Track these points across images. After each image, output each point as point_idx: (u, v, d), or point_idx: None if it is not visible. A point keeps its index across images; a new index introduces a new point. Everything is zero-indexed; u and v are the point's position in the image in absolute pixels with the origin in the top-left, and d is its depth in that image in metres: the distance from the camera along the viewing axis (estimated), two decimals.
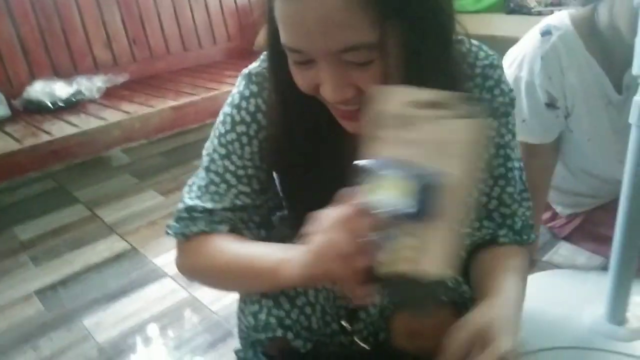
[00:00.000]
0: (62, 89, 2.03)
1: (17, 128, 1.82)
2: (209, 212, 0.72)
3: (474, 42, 0.71)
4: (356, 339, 0.77)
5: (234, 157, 0.73)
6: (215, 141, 0.75)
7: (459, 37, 0.66)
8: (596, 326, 1.08)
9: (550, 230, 1.52)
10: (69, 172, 2.36)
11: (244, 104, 0.73)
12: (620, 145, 1.03)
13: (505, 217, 0.75)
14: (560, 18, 1.16)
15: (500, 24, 2.80)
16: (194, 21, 2.67)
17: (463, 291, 0.73)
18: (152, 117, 1.88)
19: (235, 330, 1.22)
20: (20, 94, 2.03)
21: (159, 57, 2.54)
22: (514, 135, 0.75)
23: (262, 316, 0.71)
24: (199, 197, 0.74)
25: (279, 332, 0.69)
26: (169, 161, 2.44)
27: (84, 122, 1.81)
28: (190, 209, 0.73)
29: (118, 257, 1.67)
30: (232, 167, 0.73)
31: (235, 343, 1.21)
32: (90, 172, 2.34)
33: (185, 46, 2.64)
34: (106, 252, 1.70)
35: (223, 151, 0.74)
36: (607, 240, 1.28)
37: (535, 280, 1.30)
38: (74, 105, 2.03)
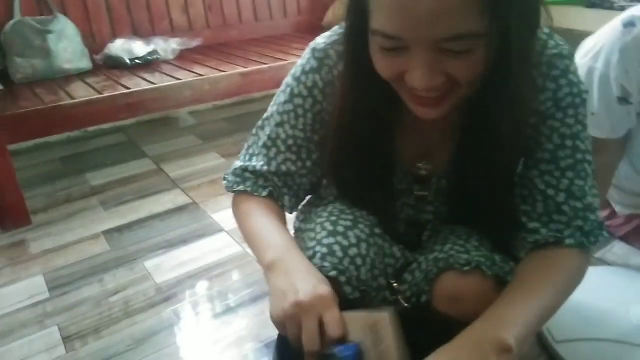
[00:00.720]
0: (140, 48, 2.14)
1: (98, 80, 1.95)
2: (256, 173, 0.80)
3: (545, 30, 0.70)
4: (400, 298, 0.80)
5: (287, 127, 0.79)
6: (274, 108, 0.81)
7: None
8: None
9: (606, 229, 1.48)
10: (139, 129, 2.51)
11: (303, 78, 0.77)
12: None
13: (577, 211, 0.71)
14: None
15: (579, 18, 2.70)
16: None
17: (503, 267, 0.74)
18: (222, 80, 1.95)
19: None
20: (102, 50, 2.15)
21: (231, 25, 2.62)
22: (584, 127, 0.73)
23: (317, 261, 0.75)
24: (250, 159, 0.82)
25: (333, 273, 0.72)
26: (232, 127, 2.53)
27: (158, 80, 1.91)
28: (241, 168, 0.81)
29: (180, 210, 1.77)
30: (283, 135, 0.80)
31: None
32: (159, 130, 2.47)
33: (257, 17, 2.70)
34: (169, 204, 1.81)
35: (278, 119, 0.80)
36: None
37: (586, 274, 1.29)
38: (149, 63, 2.13)
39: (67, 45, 2.02)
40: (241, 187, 0.80)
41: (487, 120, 0.67)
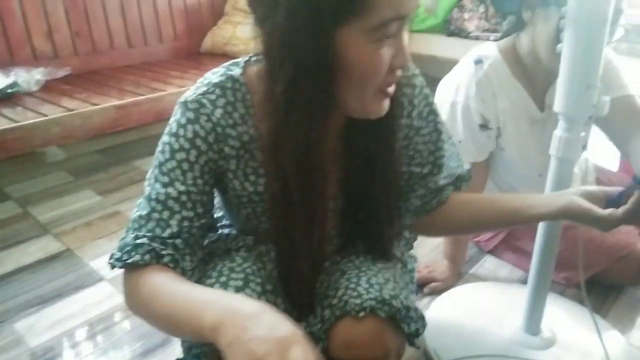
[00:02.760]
0: None
1: None
2: (152, 239, 0.71)
3: None
4: None
5: (177, 184, 0.74)
6: (157, 171, 0.75)
7: None
8: (514, 336, 1.19)
9: (476, 245, 1.63)
10: (1, 167, 2.26)
11: (181, 131, 0.74)
12: (542, 157, 1.15)
13: (442, 159, 0.91)
14: (489, 48, 1.29)
15: (440, 45, 2.95)
16: (140, 17, 2.62)
17: (395, 306, 0.79)
18: (94, 115, 1.84)
19: (171, 338, 1.24)
20: None
21: (102, 51, 2.48)
22: (443, 125, 0.92)
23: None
24: (141, 227, 0.73)
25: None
26: (106, 159, 2.39)
27: (20, 116, 1.74)
28: (133, 239, 0.72)
29: (52, 258, 1.62)
30: (174, 194, 0.74)
31: (172, 351, 1.23)
32: (23, 166, 2.25)
33: (130, 42, 2.59)
34: (39, 253, 1.65)
35: (165, 179, 0.74)
36: (526, 254, 1.41)
37: (461, 292, 1.41)
38: (9, 97, 1.94)
39: None
40: (136, 258, 0.69)
41: (365, 138, 0.78)
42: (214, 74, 0.78)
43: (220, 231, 0.94)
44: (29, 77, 2.05)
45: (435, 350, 1.18)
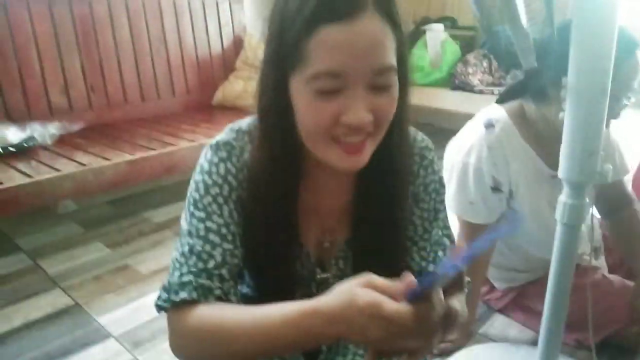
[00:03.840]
0: (14, 134, 2.00)
1: None
2: (197, 275, 0.71)
3: (412, 128, 0.84)
4: None
5: (215, 217, 0.74)
6: (192, 208, 0.76)
7: None
8: None
9: (486, 303, 1.62)
10: (11, 217, 2.29)
11: (214, 169, 0.76)
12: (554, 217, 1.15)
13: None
14: (498, 111, 1.32)
15: (445, 98, 3.02)
16: (154, 71, 2.71)
17: None
18: (107, 170, 1.88)
19: None
20: None
21: (116, 105, 2.55)
22: (445, 208, 0.88)
23: None
24: (184, 264, 0.72)
25: None
26: (117, 211, 2.41)
27: (35, 171, 1.79)
28: (178, 277, 0.71)
29: (60, 314, 1.63)
30: (214, 227, 0.73)
31: None
32: (35, 218, 2.28)
33: (143, 96, 2.67)
34: (48, 307, 1.66)
35: (202, 214, 0.74)
36: (535, 313, 1.39)
37: (471, 354, 1.39)
38: (25, 151, 2.00)
39: None
40: (183, 295, 0.69)
41: (376, 194, 0.78)
42: (244, 121, 0.81)
43: None
44: (44, 132, 2.11)
45: None
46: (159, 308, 0.73)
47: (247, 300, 0.81)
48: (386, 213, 0.80)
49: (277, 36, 0.67)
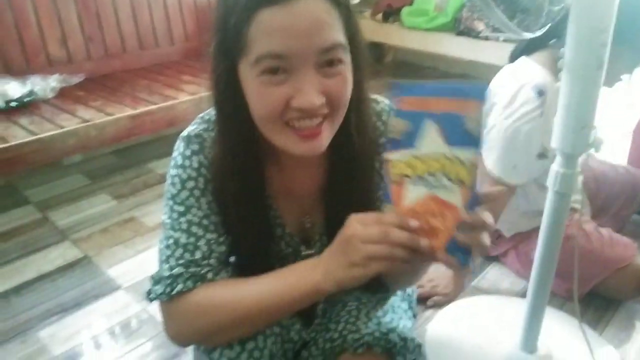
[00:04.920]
0: (15, 89, 2.00)
1: None
2: (186, 266, 0.75)
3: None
4: None
5: (194, 210, 0.77)
6: (171, 202, 0.79)
7: None
8: (510, 354, 1.24)
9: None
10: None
11: (187, 162, 0.79)
12: None
13: None
14: (542, 76, 1.31)
15: (449, 44, 2.96)
16: (151, 19, 2.66)
17: (391, 340, 0.84)
18: (109, 125, 1.90)
19: (184, 350, 1.31)
20: None
21: (114, 55, 2.53)
22: None
23: (215, 355, 0.79)
24: (170, 257, 0.76)
25: None
26: (122, 161, 2.45)
27: (38, 128, 1.81)
28: (168, 270, 0.75)
29: (71, 266, 1.70)
30: (195, 220, 0.77)
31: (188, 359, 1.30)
32: (41, 170, 2.31)
33: (142, 45, 2.64)
34: (59, 260, 1.73)
35: (182, 209, 0.78)
36: (530, 261, 1.44)
37: (462, 306, 1.46)
38: (26, 105, 2.01)
39: None
40: (179, 287, 0.73)
41: (344, 174, 0.80)
42: (210, 114, 0.82)
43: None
44: (44, 85, 2.11)
45: None
46: (151, 300, 0.77)
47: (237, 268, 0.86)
48: (356, 191, 0.81)
49: (221, 26, 0.68)
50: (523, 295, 1.48)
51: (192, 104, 2.14)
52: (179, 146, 0.81)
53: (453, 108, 0.56)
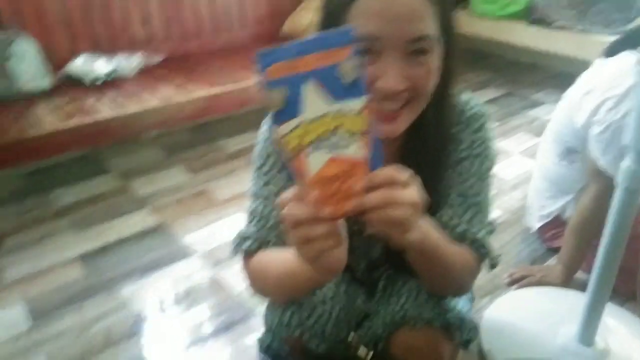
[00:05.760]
0: (101, 66, 2.16)
1: (60, 104, 1.97)
2: (259, 230, 0.87)
3: (466, 93, 0.88)
4: (358, 349, 0.94)
5: (274, 181, 0.87)
6: (257, 172, 0.90)
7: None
8: (567, 345, 1.26)
9: (547, 243, 1.69)
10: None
11: (265, 145, 0.88)
12: None
13: (473, 242, 0.86)
14: None
15: (521, 33, 2.89)
16: (226, 2, 2.77)
17: (450, 317, 0.90)
18: (187, 104, 2.02)
19: (255, 312, 1.41)
20: (62, 67, 2.16)
21: (191, 36, 2.66)
22: (487, 172, 0.89)
23: (286, 318, 0.89)
24: (251, 221, 0.89)
25: (297, 332, 0.86)
26: (196, 137, 2.57)
27: (123, 104, 1.96)
28: (246, 231, 0.88)
29: (150, 232, 1.85)
30: (275, 190, 0.87)
31: (253, 324, 1.40)
32: (123, 142, 2.49)
33: (216, 27, 2.75)
34: (138, 226, 1.88)
35: (265, 179, 0.88)
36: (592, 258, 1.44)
37: (521, 295, 1.48)
38: (112, 82, 2.16)
39: (28, 66, 2.03)
40: (245, 245, 0.86)
41: (417, 157, 0.81)
42: None
43: None
44: (128, 63, 2.26)
45: (490, 350, 1.28)
46: (232, 252, 0.89)
47: None
48: (427, 181, 0.83)
49: (325, 7, 0.75)
50: (584, 289, 1.49)
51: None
52: (266, 121, 0.90)
53: (324, 61, 0.52)
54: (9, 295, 1.55)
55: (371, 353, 0.93)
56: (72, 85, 2.12)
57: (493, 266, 0.90)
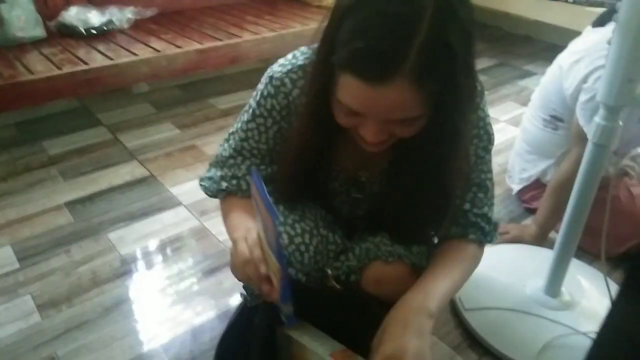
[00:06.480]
0: (95, 17, 2.16)
1: (54, 52, 1.97)
2: (230, 177, 0.97)
3: None
4: (331, 281, 0.99)
5: (251, 141, 0.95)
6: (239, 125, 0.97)
7: None
8: (534, 295, 1.33)
9: (526, 203, 1.74)
10: (93, 95, 2.53)
11: (262, 102, 0.92)
12: None
13: (477, 217, 0.93)
14: None
15: (517, 3, 2.88)
16: None
17: (422, 260, 0.96)
18: (178, 57, 2.03)
19: None
20: (55, 17, 2.15)
21: None
22: (487, 154, 0.93)
23: None
24: (221, 165, 0.99)
25: None
26: (185, 95, 2.60)
27: (115, 54, 1.96)
28: (219, 175, 0.98)
29: (139, 182, 1.88)
30: (247, 147, 0.96)
31: None
32: (113, 96, 2.51)
33: None
34: (128, 176, 1.91)
35: (243, 135, 0.96)
36: None
37: (494, 250, 1.54)
38: (105, 33, 2.16)
39: (20, 12, 2.02)
40: (215, 189, 0.98)
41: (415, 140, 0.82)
42: (302, 55, 0.91)
43: None
44: (121, 16, 2.26)
45: (461, 298, 1.34)
46: (205, 190, 1.00)
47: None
48: (422, 174, 0.84)
49: (326, 45, 0.71)
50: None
51: (254, 43, 2.24)
52: (262, 82, 0.93)
53: (268, 220, 0.70)
54: None
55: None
56: (65, 34, 2.12)
57: (490, 242, 0.97)
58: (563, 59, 1.51)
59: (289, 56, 0.92)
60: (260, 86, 0.93)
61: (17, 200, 1.76)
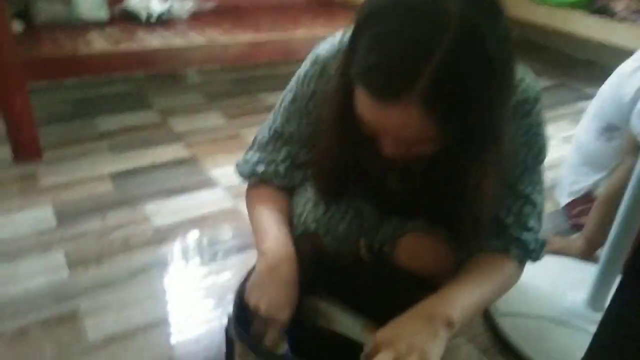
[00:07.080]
0: (156, 5, 2.23)
1: (114, 32, 2.05)
2: (265, 161, 0.95)
3: (522, 70, 0.79)
4: (364, 250, 0.96)
5: (293, 122, 0.91)
6: (282, 105, 0.93)
7: None
8: (575, 307, 1.23)
9: (573, 219, 1.64)
10: (148, 80, 2.62)
11: (306, 82, 0.88)
12: None
13: (522, 232, 0.85)
14: None
15: (580, 23, 2.80)
16: None
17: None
18: (231, 46, 2.07)
19: None
20: (119, 2, 2.25)
21: None
22: (539, 166, 0.86)
23: (302, 218, 0.92)
24: (259, 149, 0.96)
25: (312, 226, 0.89)
26: (236, 89, 2.64)
27: (170, 39, 2.02)
28: (252, 156, 0.97)
29: (180, 162, 1.91)
30: (288, 131, 0.92)
31: None
32: (167, 84, 2.59)
33: None
34: (171, 156, 1.94)
35: (286, 115, 0.92)
36: None
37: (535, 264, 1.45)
38: (164, 21, 2.24)
39: None
40: (248, 173, 0.97)
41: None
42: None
43: None
44: (181, 6, 2.33)
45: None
46: (239, 173, 0.99)
47: None
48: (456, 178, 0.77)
49: (346, 55, 0.69)
50: None
51: (307, 40, 2.24)
52: (307, 62, 0.89)
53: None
54: (40, 198, 1.64)
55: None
56: (127, 19, 2.21)
57: (534, 260, 0.90)
58: (624, 66, 1.44)
59: (337, 37, 0.87)
60: (305, 67, 0.89)
61: (65, 166, 1.82)
